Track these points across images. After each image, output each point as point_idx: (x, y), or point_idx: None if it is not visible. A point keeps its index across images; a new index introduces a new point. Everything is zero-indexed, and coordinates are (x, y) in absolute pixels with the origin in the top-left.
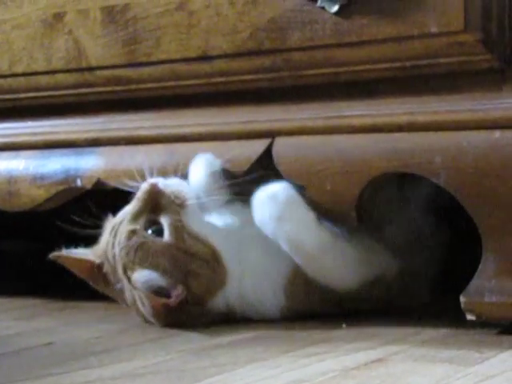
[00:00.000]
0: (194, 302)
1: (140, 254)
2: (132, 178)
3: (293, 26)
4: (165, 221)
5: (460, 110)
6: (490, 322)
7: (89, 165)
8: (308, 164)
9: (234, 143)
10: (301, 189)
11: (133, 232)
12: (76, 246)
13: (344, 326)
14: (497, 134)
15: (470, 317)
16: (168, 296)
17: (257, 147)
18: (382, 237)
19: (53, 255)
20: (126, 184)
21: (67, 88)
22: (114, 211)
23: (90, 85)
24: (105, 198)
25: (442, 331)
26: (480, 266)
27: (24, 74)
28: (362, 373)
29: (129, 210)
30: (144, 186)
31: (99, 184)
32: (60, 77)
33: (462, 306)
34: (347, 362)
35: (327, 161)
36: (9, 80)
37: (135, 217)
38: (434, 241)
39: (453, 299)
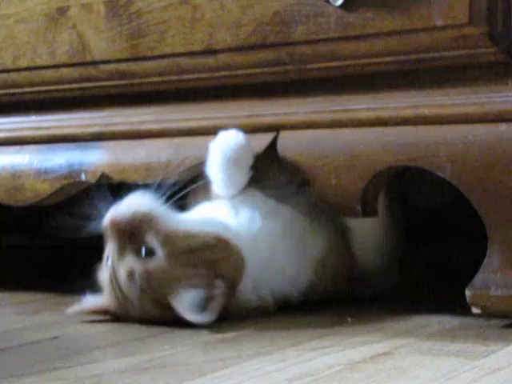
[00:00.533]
0: (229, 289)
1: (154, 282)
2: (136, 172)
3: (297, 19)
4: (148, 238)
5: (465, 104)
6: (496, 316)
7: (93, 159)
8: (313, 158)
9: None
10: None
11: (130, 273)
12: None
13: (349, 319)
14: (502, 126)
15: (475, 310)
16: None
17: (262, 141)
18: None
19: (72, 313)
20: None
21: (71, 82)
22: None
23: (94, 79)
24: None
25: (448, 325)
26: (485, 260)
27: (28, 69)
28: (368, 366)
29: (109, 251)
30: (105, 225)
31: (103, 178)
32: (64, 71)
33: (468, 299)
34: (353, 355)
35: (332, 154)
36: (13, 74)
37: (120, 253)
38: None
39: (458, 293)
